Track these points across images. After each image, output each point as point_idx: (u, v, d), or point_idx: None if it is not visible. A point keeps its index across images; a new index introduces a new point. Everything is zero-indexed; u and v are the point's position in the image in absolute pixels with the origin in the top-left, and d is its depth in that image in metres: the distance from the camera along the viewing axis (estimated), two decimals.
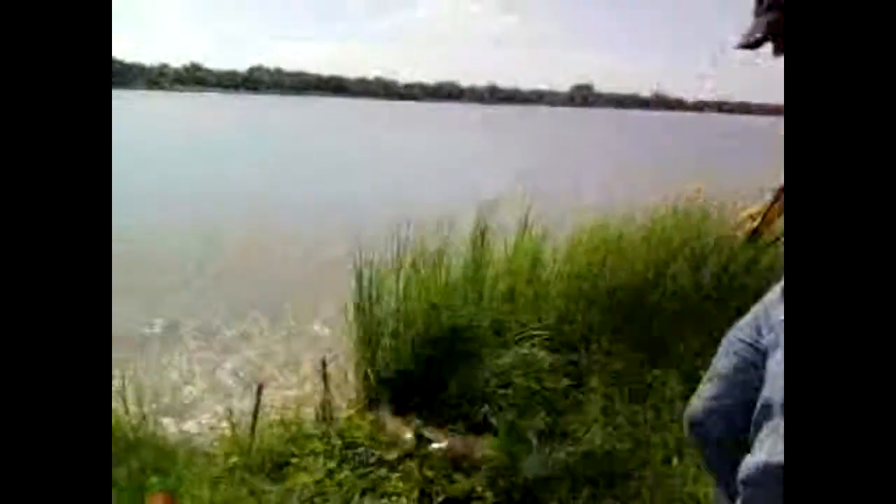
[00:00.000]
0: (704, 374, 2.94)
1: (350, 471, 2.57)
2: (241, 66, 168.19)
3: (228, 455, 2.63)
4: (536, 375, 2.92)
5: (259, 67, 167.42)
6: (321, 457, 2.64)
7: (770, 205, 1.95)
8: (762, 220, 1.93)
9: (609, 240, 3.72)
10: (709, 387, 1.77)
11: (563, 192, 5.05)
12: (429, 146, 27.78)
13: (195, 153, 19.40)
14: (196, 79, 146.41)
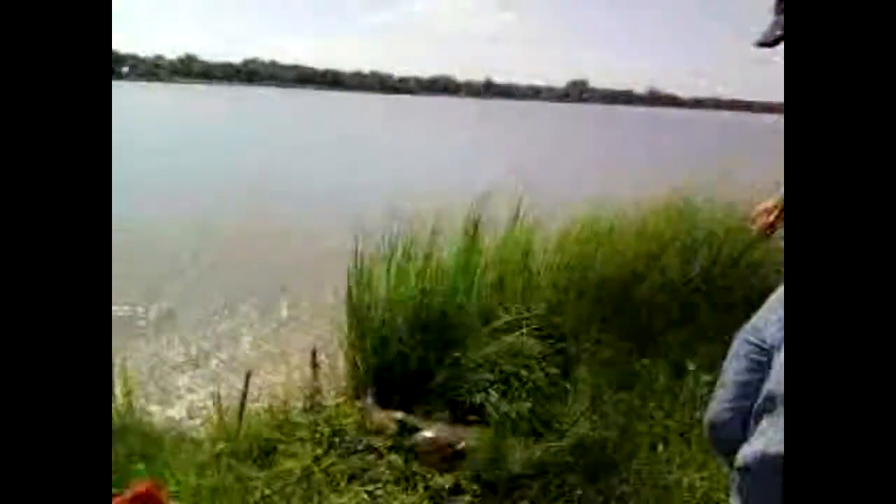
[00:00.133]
0: (690, 363, 2.97)
1: (337, 457, 2.57)
2: (236, 59, 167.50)
3: (215, 442, 2.62)
4: (525, 364, 2.92)
5: (254, 60, 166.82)
6: (308, 444, 2.64)
7: (777, 203, 1.93)
8: (779, 215, 1.92)
9: (600, 232, 3.73)
10: (723, 392, 1.77)
11: (555, 186, 5.06)
12: (423, 139, 27.75)
13: (190, 144, 19.31)
14: (191, 70, 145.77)
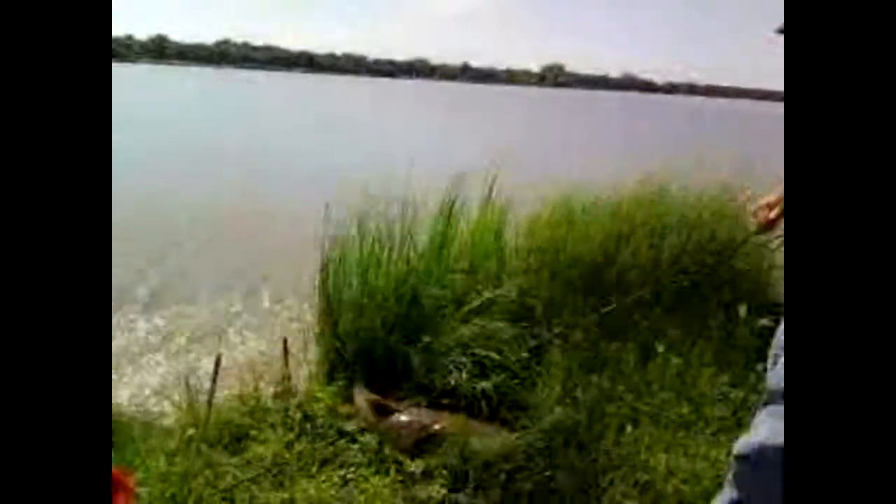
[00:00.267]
0: (659, 346, 3.02)
1: (308, 443, 2.57)
2: (209, 40, 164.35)
3: (185, 428, 2.61)
4: (497, 347, 2.94)
5: (227, 41, 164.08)
6: (280, 429, 2.63)
7: (779, 198, 1.92)
8: (780, 212, 1.91)
9: (571, 216, 3.76)
10: (772, 407, 1.65)
11: (529, 170, 5.06)
12: (400, 123, 27.57)
13: (165, 125, 18.96)
14: (163, 51, 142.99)
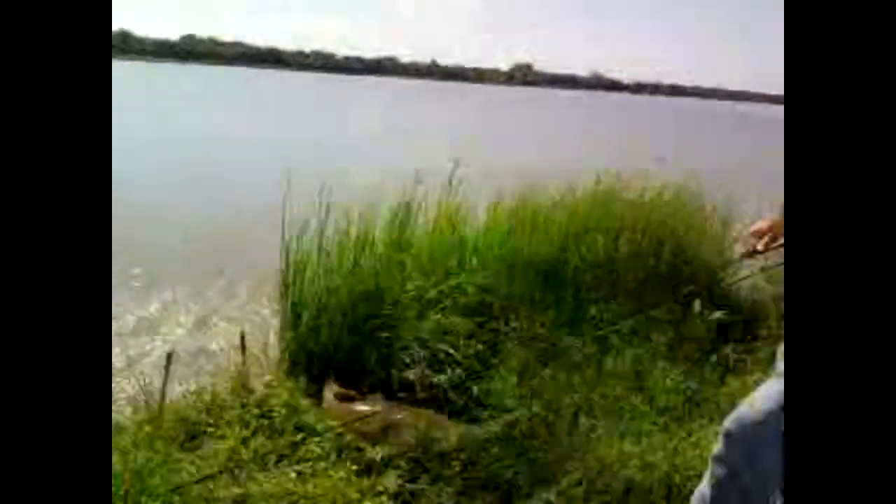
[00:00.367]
0: (614, 338, 3.07)
1: (266, 438, 2.57)
2: (174, 35, 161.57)
3: (140, 425, 2.58)
4: (455, 342, 2.97)
5: (192, 37, 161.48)
6: (237, 425, 2.63)
7: (772, 226, 1.94)
8: (769, 242, 1.93)
9: (530, 212, 3.81)
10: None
11: (492, 167, 5.10)
12: (366, 120, 27.47)
13: (135, 120, 18.58)
14: (127, 47, 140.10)
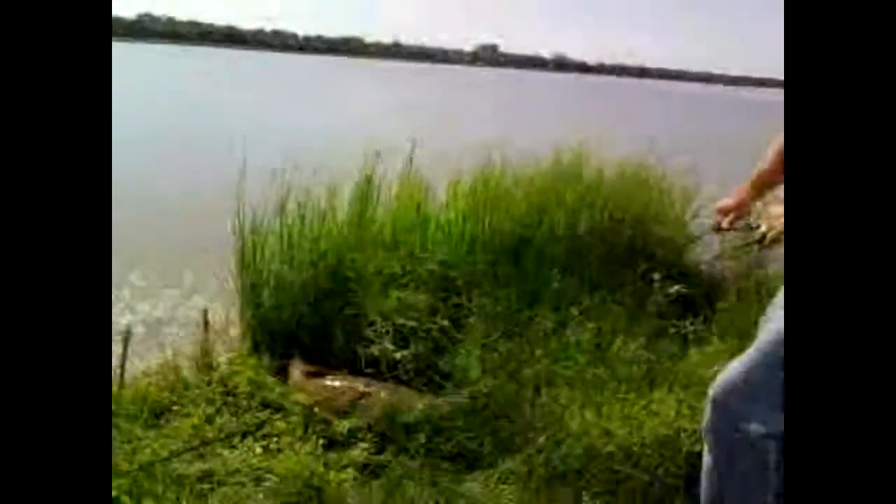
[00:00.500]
0: (574, 311, 3.13)
1: (230, 415, 2.57)
2: (128, 13, 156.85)
3: None
4: (418, 318, 2.99)
5: (148, 14, 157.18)
6: (201, 403, 2.62)
7: (739, 203, 2.01)
8: (734, 219, 2.01)
9: (491, 189, 3.85)
10: None
11: (454, 146, 5.10)
12: (327, 100, 27.14)
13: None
14: None
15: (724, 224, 2.05)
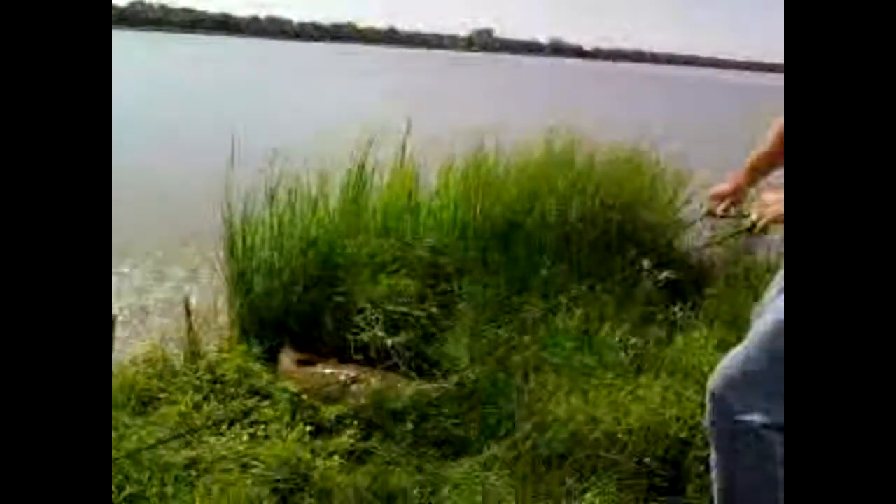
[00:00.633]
0: (563, 298, 3.14)
1: (218, 402, 2.58)
2: (121, 0, 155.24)
3: None
4: (409, 304, 3.00)
5: (141, 2, 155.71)
6: (189, 391, 2.62)
7: (734, 189, 2.01)
8: (728, 206, 2.01)
9: (486, 175, 3.84)
10: None
11: (445, 131, 5.08)
12: (322, 86, 27.01)
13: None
14: None
15: (719, 210, 2.05)
